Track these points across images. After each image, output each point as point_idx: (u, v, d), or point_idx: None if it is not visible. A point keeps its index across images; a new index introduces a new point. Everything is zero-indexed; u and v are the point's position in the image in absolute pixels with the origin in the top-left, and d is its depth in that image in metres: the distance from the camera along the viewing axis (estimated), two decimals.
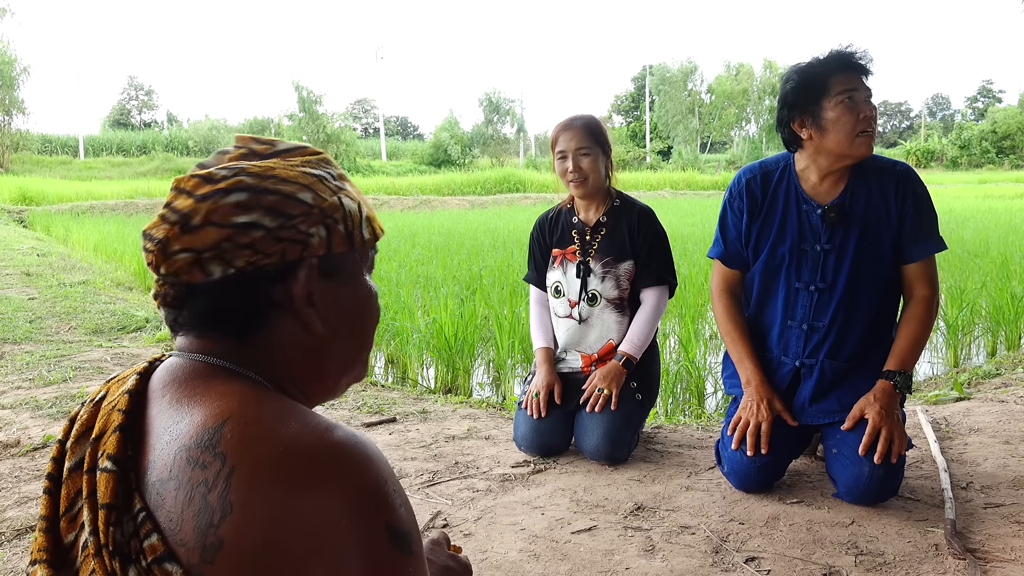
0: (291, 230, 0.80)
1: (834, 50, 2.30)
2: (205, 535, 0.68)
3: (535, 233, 3.04)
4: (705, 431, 3.20)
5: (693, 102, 53.00)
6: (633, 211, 2.87)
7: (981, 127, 56.31)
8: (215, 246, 0.78)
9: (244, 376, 0.80)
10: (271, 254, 0.79)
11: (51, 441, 3.00)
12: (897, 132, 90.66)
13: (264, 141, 0.87)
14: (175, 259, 0.78)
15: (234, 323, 0.81)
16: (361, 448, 0.74)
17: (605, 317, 2.84)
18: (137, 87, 77.66)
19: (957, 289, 5.99)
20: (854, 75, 2.26)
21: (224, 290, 0.79)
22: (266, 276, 0.80)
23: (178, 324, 0.83)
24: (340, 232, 0.83)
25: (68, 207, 18.39)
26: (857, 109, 2.24)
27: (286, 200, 0.80)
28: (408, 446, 3.02)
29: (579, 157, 2.77)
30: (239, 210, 0.78)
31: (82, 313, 5.92)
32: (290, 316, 0.82)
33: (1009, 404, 3.33)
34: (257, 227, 0.78)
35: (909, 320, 2.35)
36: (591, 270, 2.84)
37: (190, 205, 0.79)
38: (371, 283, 0.91)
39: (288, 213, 0.80)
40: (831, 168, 2.35)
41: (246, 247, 0.78)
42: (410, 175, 33.96)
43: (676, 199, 24.64)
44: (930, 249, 2.34)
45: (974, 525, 2.17)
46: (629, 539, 2.16)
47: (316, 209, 0.82)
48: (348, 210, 0.85)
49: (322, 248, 0.82)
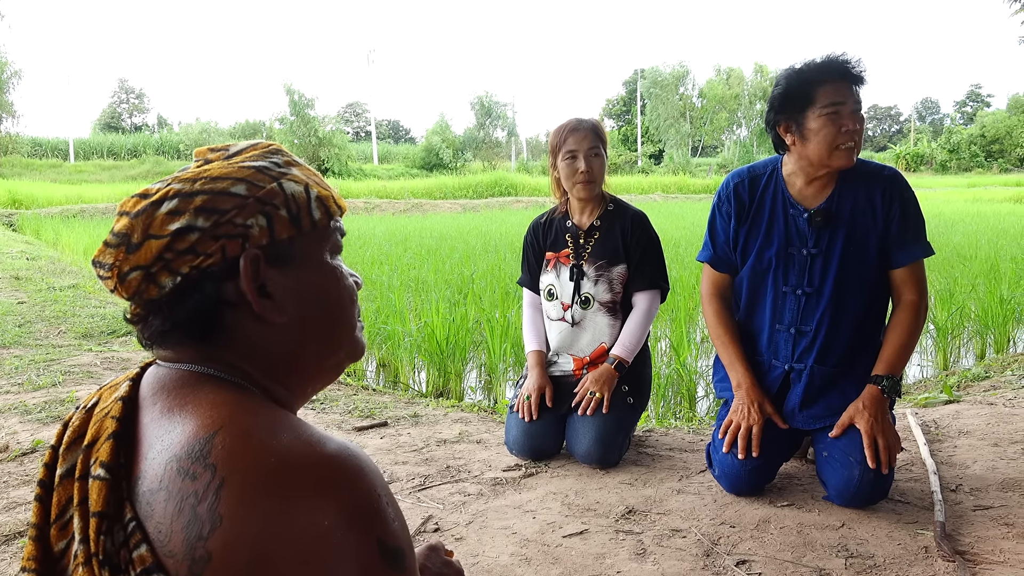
0: (227, 225, 0.79)
1: (826, 57, 2.29)
2: (194, 548, 0.67)
3: (529, 237, 3.04)
4: (696, 434, 3.21)
5: (684, 106, 53.17)
6: (627, 215, 2.88)
7: (970, 131, 56.66)
8: (158, 258, 0.78)
9: (233, 383, 0.80)
10: (212, 253, 0.78)
11: (40, 446, 2.99)
12: (887, 136, 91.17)
13: (218, 148, 0.86)
14: (129, 280, 0.79)
15: (194, 328, 0.80)
16: (354, 461, 0.73)
17: (598, 320, 2.84)
18: (128, 90, 77.38)
19: (946, 292, 6.02)
20: (843, 85, 2.25)
21: (178, 299, 0.79)
22: (213, 276, 0.79)
23: (145, 339, 0.83)
24: (283, 217, 0.82)
25: (58, 210, 18.30)
26: (840, 123, 2.23)
27: (216, 197, 0.79)
28: (399, 450, 3.01)
29: (591, 158, 2.78)
30: (172, 217, 0.78)
31: (72, 317, 5.89)
32: (249, 312, 0.81)
33: (998, 407, 3.35)
34: (192, 230, 0.78)
35: (896, 325, 2.35)
36: (584, 273, 2.85)
37: (127, 224, 0.79)
38: (335, 262, 0.89)
39: (220, 209, 0.79)
40: (816, 174, 2.35)
41: (187, 252, 0.78)
42: (402, 179, 34.00)
43: (667, 203, 24.70)
44: (917, 254, 2.34)
45: (964, 527, 2.18)
46: (620, 543, 2.16)
47: (251, 199, 0.80)
48: (290, 193, 0.83)
49: (264, 237, 0.80)
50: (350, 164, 39.11)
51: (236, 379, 0.81)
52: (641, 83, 55.43)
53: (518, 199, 25.94)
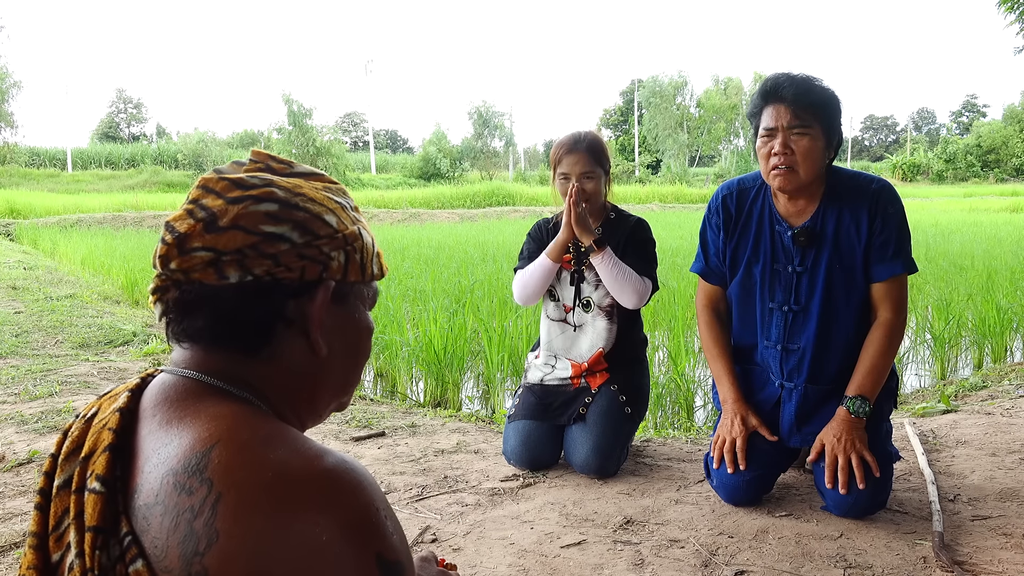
0: (315, 249, 0.80)
1: (770, 78, 2.28)
2: (190, 563, 0.66)
3: (535, 233, 3.04)
4: (694, 444, 3.21)
5: (682, 116, 53.32)
6: (627, 224, 2.90)
7: (966, 141, 56.93)
8: (237, 251, 0.77)
9: (238, 397, 0.79)
10: (292, 269, 0.79)
11: (37, 457, 2.97)
12: (883, 146, 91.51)
13: (281, 160, 0.87)
14: (192, 256, 0.77)
15: (244, 333, 0.80)
16: (352, 475, 0.73)
17: (597, 324, 2.85)
18: (126, 100, 77.51)
19: (943, 302, 6.02)
20: (781, 107, 2.22)
21: (239, 297, 0.78)
22: (283, 289, 0.79)
23: (182, 333, 0.81)
24: (356, 261, 0.85)
25: (55, 220, 18.28)
26: (769, 147, 2.24)
27: (314, 219, 0.81)
28: (397, 460, 3.01)
29: (583, 181, 2.78)
30: (269, 220, 0.79)
31: (69, 327, 5.88)
32: (299, 334, 0.82)
33: (996, 416, 3.35)
34: (284, 240, 0.79)
35: (868, 345, 2.30)
36: (584, 277, 2.86)
37: (220, 205, 0.79)
38: (370, 318, 0.92)
39: (315, 232, 0.81)
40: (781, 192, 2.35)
41: (269, 257, 0.78)
42: (399, 188, 34.02)
43: (665, 212, 24.73)
44: (895, 269, 2.28)
45: (962, 537, 2.18)
46: (618, 553, 2.15)
47: (339, 234, 0.83)
48: (365, 242, 0.87)
49: (339, 273, 0.83)
50: (348, 174, 39.17)
51: (244, 394, 0.80)
52: (639, 93, 55.67)
53: (515, 209, 25.94)
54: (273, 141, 39.00)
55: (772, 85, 2.25)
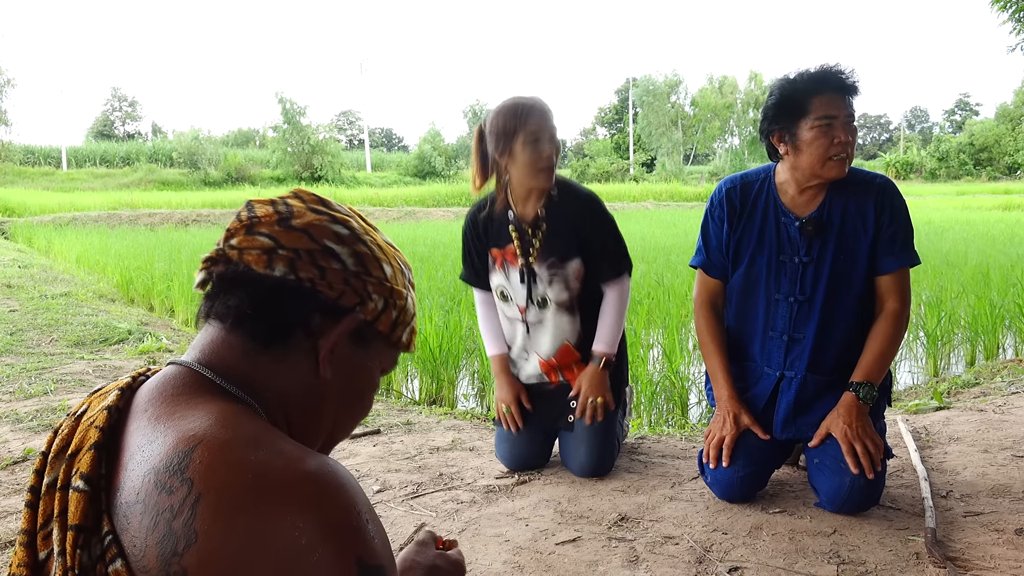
0: (361, 282, 0.85)
1: (820, 68, 2.29)
2: (169, 564, 0.66)
3: (468, 232, 2.79)
4: (689, 441, 3.22)
5: (677, 114, 53.32)
6: (575, 202, 2.64)
7: (959, 139, 57.07)
8: (295, 250, 0.82)
9: (233, 396, 0.79)
10: (333, 288, 0.83)
11: (31, 455, 2.97)
12: (877, 144, 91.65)
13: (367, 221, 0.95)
14: (254, 239, 0.83)
15: (265, 324, 0.82)
16: (334, 477, 0.72)
17: (559, 320, 2.69)
18: (121, 98, 77.27)
19: (936, 299, 6.05)
20: (837, 97, 2.25)
21: (275, 290, 0.82)
22: (316, 301, 0.83)
23: (211, 309, 0.84)
24: (391, 316, 0.89)
25: (50, 218, 18.24)
26: (832, 134, 2.24)
27: (372, 259, 0.87)
28: (392, 458, 3.01)
29: (548, 142, 2.53)
30: (335, 239, 0.85)
31: (64, 325, 5.87)
32: (311, 350, 0.84)
33: (988, 413, 3.37)
34: (339, 260, 0.84)
35: (876, 334, 2.35)
36: (536, 274, 2.65)
37: (301, 208, 0.86)
38: (378, 377, 0.94)
39: (368, 269, 0.86)
40: (807, 183, 2.37)
41: (318, 268, 0.82)
42: (395, 186, 34.02)
43: (659, 210, 24.76)
44: (903, 262, 2.34)
45: (954, 533, 2.19)
46: (613, 550, 2.16)
47: (387, 284, 0.87)
48: (407, 304, 0.91)
49: (371, 316, 0.86)
50: (343, 172, 39.15)
51: (241, 393, 0.80)
52: (633, 91, 55.61)
53: None
54: (268, 139, 38.94)
55: (826, 73, 2.27)
